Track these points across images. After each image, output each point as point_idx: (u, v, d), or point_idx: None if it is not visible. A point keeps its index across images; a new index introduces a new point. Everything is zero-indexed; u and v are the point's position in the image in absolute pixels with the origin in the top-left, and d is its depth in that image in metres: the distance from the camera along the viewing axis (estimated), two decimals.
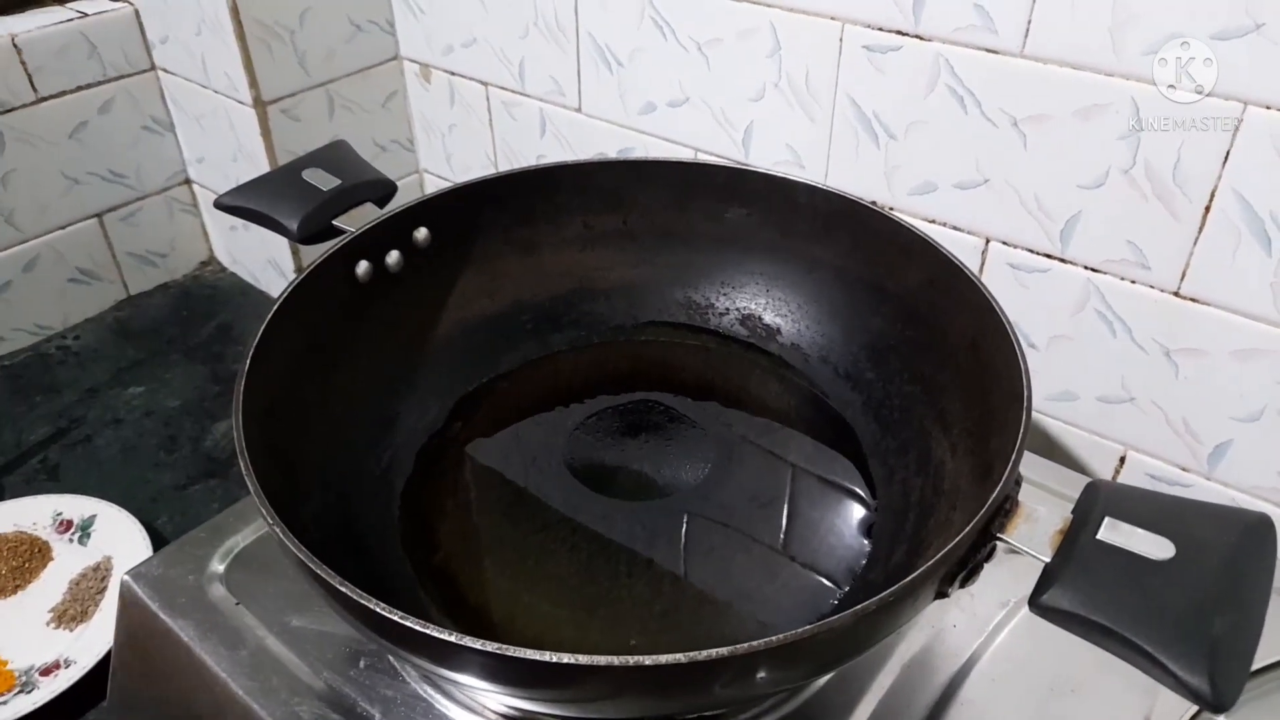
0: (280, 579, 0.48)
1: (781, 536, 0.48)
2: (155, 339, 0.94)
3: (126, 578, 0.47)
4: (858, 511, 0.49)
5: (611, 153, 0.79)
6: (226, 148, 0.90)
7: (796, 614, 0.43)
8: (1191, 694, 0.29)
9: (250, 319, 0.97)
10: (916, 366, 0.50)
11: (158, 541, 0.70)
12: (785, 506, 0.50)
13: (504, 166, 0.90)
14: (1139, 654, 0.30)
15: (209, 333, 0.95)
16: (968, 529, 0.33)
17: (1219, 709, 0.29)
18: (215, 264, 1.04)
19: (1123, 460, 0.63)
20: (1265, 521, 0.33)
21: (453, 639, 0.30)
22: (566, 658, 0.30)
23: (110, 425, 0.83)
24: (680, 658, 0.29)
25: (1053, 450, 0.65)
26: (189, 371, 0.90)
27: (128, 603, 0.47)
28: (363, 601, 0.31)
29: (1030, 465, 0.57)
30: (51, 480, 0.78)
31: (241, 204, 0.51)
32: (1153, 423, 0.60)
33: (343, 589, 0.32)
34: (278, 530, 0.34)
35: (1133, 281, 0.57)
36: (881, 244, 0.52)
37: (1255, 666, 0.43)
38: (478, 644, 0.30)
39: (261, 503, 0.35)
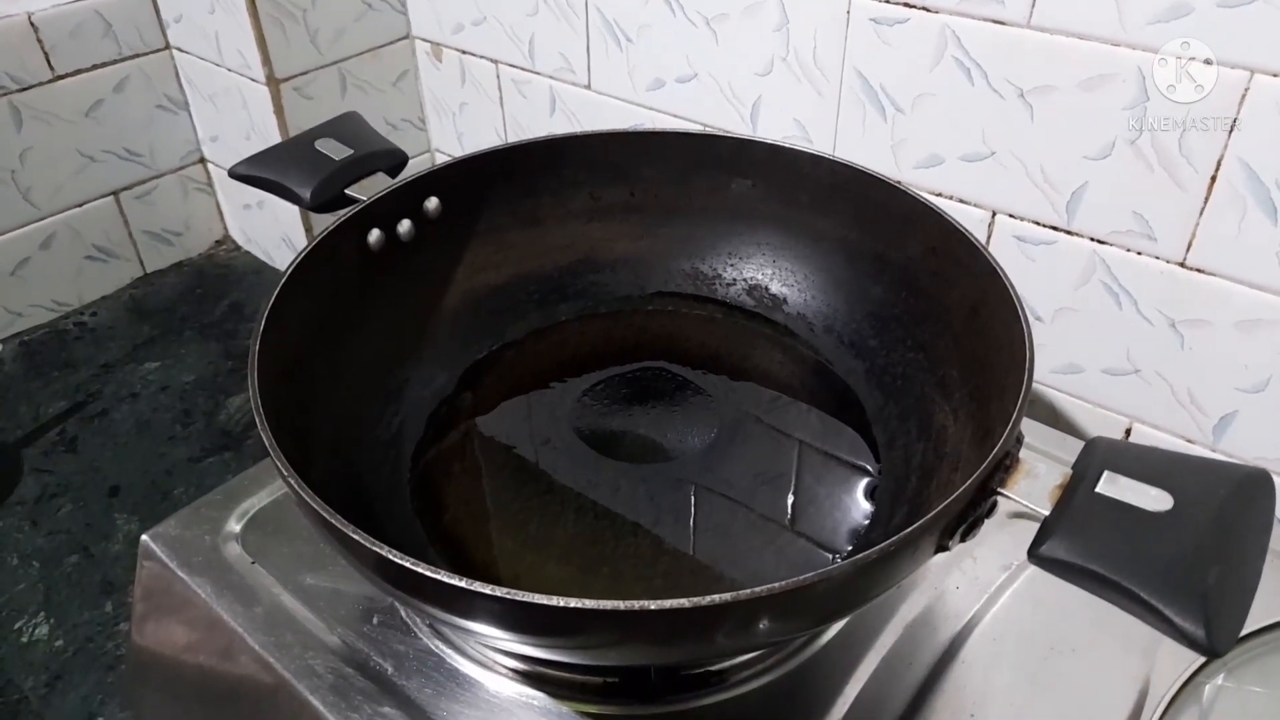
0: (294, 540, 0.48)
1: (786, 502, 0.49)
2: (170, 316, 0.95)
3: (145, 538, 0.49)
4: (862, 476, 0.50)
5: (621, 129, 0.80)
6: (240, 126, 0.91)
7: (800, 574, 0.44)
8: (1187, 639, 0.29)
9: (264, 297, 0.97)
10: (918, 334, 0.51)
11: (173, 513, 0.71)
12: (790, 473, 0.51)
13: None
14: (1135, 601, 0.30)
15: (222, 310, 0.96)
16: (969, 483, 0.34)
17: (1214, 653, 0.29)
18: (230, 242, 1.05)
19: (1128, 432, 0.63)
20: (1263, 475, 0.33)
21: (463, 584, 0.31)
22: (573, 602, 0.30)
23: (126, 400, 0.84)
24: (684, 603, 0.30)
25: (1058, 422, 0.66)
26: (203, 348, 0.91)
27: (146, 562, 0.48)
28: (378, 550, 0.32)
29: (1035, 432, 0.58)
30: (70, 452, 0.79)
31: (255, 173, 0.52)
32: (1158, 394, 0.60)
33: (358, 538, 0.32)
34: (293, 483, 0.35)
35: (1138, 253, 0.57)
36: (884, 212, 0.52)
37: (1259, 625, 0.44)
38: (487, 589, 0.31)
39: (277, 458, 0.36)
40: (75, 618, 0.66)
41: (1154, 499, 0.32)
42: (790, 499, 0.49)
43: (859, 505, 0.48)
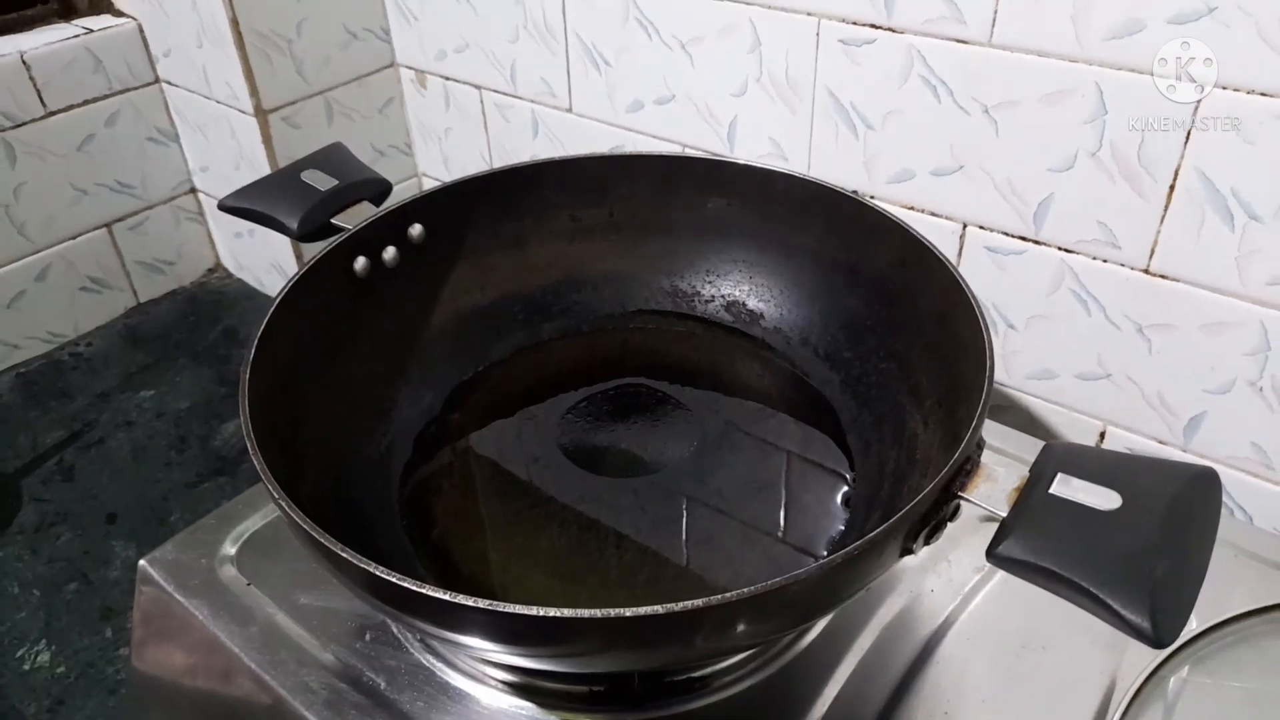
0: (288, 560, 0.50)
1: (763, 510, 0.50)
2: (164, 344, 0.96)
3: (143, 563, 0.50)
4: (838, 484, 0.51)
5: (602, 150, 0.82)
6: (229, 156, 0.92)
7: (769, 572, 0.45)
8: (1134, 631, 0.30)
9: (255, 323, 0.99)
10: (890, 344, 0.52)
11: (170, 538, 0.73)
12: (769, 481, 0.52)
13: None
14: (1086, 596, 0.31)
15: (215, 337, 0.98)
16: (929, 488, 0.35)
17: (1159, 644, 0.30)
18: (221, 270, 1.07)
19: (1103, 435, 0.65)
20: (1208, 473, 0.35)
21: (448, 598, 0.33)
22: (554, 612, 0.32)
23: (122, 427, 0.86)
24: (659, 609, 0.32)
25: (1034, 427, 0.67)
26: (196, 375, 0.92)
27: (144, 585, 0.50)
28: (366, 568, 0.33)
29: (1008, 438, 0.59)
30: (67, 481, 0.80)
31: (244, 205, 0.54)
32: (1129, 398, 0.62)
33: (347, 556, 0.34)
34: (284, 505, 0.36)
35: (1104, 261, 0.59)
36: (854, 227, 0.54)
37: (1221, 617, 0.45)
38: (471, 601, 0.32)
39: (268, 480, 0.37)
40: (76, 644, 0.67)
41: (1104, 498, 0.34)
42: (770, 506, 0.51)
43: (837, 511, 0.50)
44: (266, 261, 1.00)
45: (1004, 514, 0.35)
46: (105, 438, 0.85)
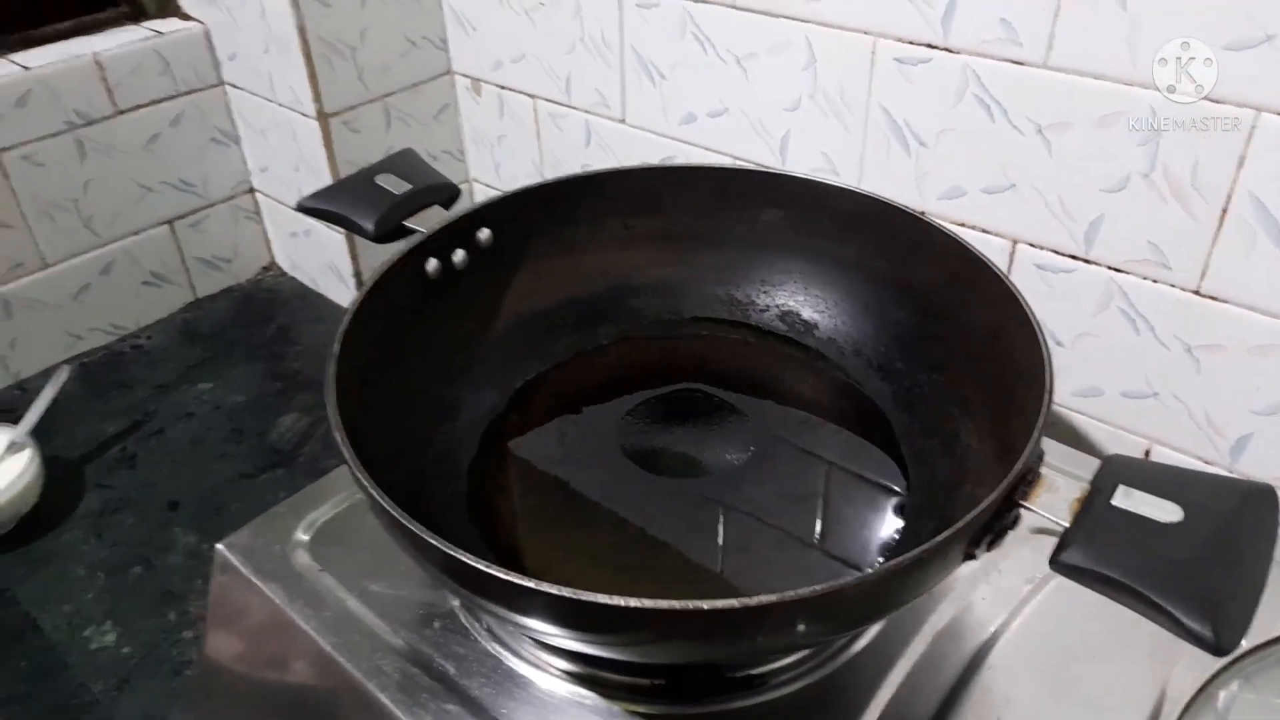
0: (358, 549, 0.52)
1: (819, 516, 0.52)
2: (220, 339, 0.99)
3: (221, 546, 0.52)
4: (892, 492, 0.52)
5: (654, 160, 0.83)
6: (290, 158, 0.95)
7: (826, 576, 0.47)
8: (1195, 638, 0.32)
9: (308, 321, 1.02)
10: (942, 357, 0.53)
11: (228, 526, 0.75)
12: (823, 489, 0.54)
13: (550, 175, 0.94)
14: (1147, 604, 0.33)
15: (270, 333, 1.00)
16: (994, 494, 0.37)
17: (1220, 651, 0.32)
18: (276, 268, 1.10)
19: (1148, 454, 0.66)
20: (1268, 490, 0.36)
21: (530, 584, 0.34)
22: (632, 601, 0.33)
23: (181, 419, 0.89)
24: (734, 602, 0.33)
25: (1079, 443, 0.68)
26: (251, 370, 0.95)
27: (222, 569, 0.52)
28: (451, 552, 0.35)
29: (1055, 451, 0.60)
30: (129, 469, 0.83)
31: (323, 206, 0.56)
32: (1176, 417, 0.63)
33: (433, 541, 0.36)
34: (372, 491, 0.38)
35: (1154, 281, 0.60)
36: (908, 241, 0.55)
37: (1272, 635, 0.46)
38: (551, 588, 0.34)
39: (356, 467, 0.39)
40: (140, 625, 0.69)
41: (1165, 511, 0.35)
42: (823, 511, 0.52)
43: (888, 520, 0.51)
44: (321, 262, 1.03)
45: (1065, 524, 0.36)
46: (165, 428, 0.87)
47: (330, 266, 1.01)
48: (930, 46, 0.62)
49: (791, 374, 0.60)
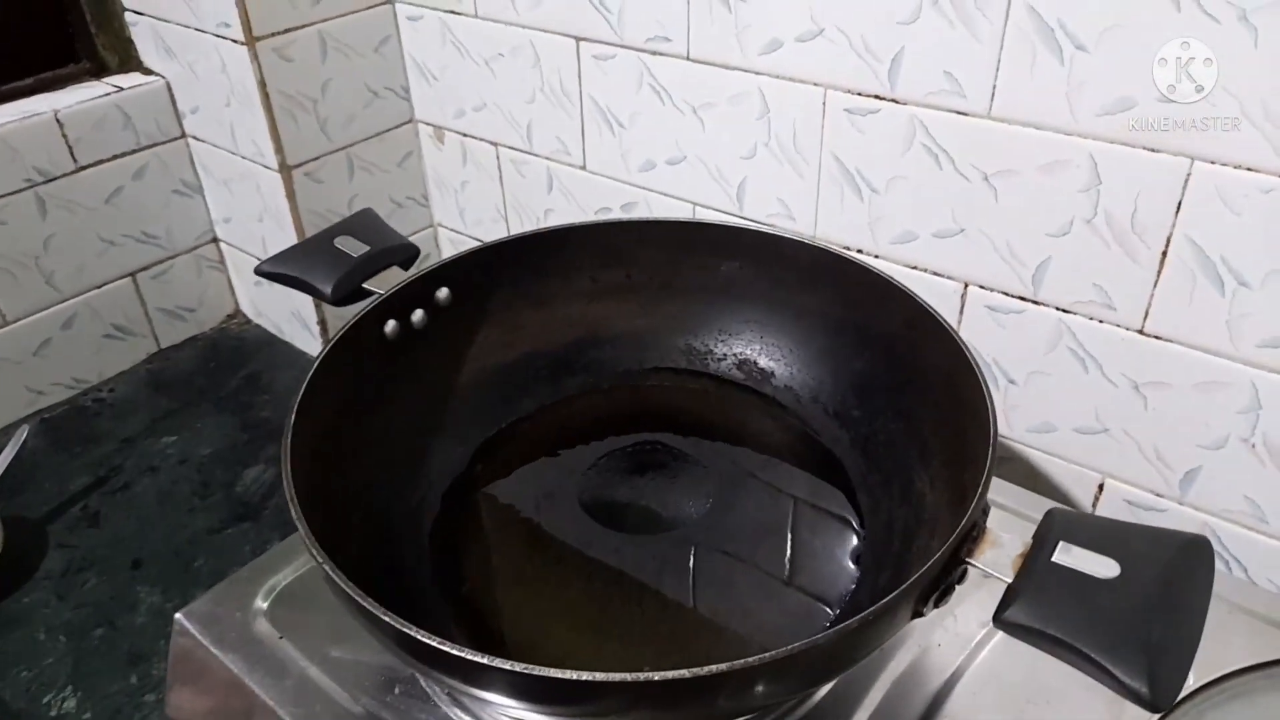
0: (319, 613, 0.52)
1: (777, 564, 0.53)
2: (186, 389, 0.99)
3: (179, 616, 0.52)
4: (848, 539, 0.53)
5: (615, 207, 0.84)
6: (253, 208, 0.95)
7: (793, 634, 0.47)
8: (1132, 695, 0.32)
9: (275, 369, 1.02)
10: (898, 404, 0.55)
11: (195, 583, 0.75)
12: (782, 537, 0.54)
13: (514, 220, 0.95)
14: (1087, 661, 0.34)
15: (237, 383, 1.00)
16: (938, 555, 0.38)
17: (1157, 708, 0.32)
18: (241, 317, 1.09)
19: (1101, 487, 0.67)
20: (1200, 541, 0.37)
21: (485, 660, 0.35)
22: (584, 675, 0.34)
23: (147, 473, 0.88)
24: (685, 673, 0.34)
25: (1035, 479, 0.69)
26: (219, 420, 0.95)
27: (180, 638, 0.52)
28: (406, 630, 0.36)
29: (1008, 493, 0.62)
30: (92, 527, 0.82)
31: (281, 270, 0.56)
32: (1126, 452, 0.64)
33: (386, 619, 0.36)
34: (326, 567, 0.38)
35: (1100, 321, 0.61)
36: (862, 292, 0.56)
37: (1216, 675, 0.47)
38: (506, 664, 0.34)
39: (311, 543, 0.39)
40: (102, 689, 0.68)
41: (1103, 566, 0.36)
42: (784, 560, 0.53)
43: (848, 568, 0.52)
44: (286, 310, 1.03)
45: (1009, 579, 0.37)
46: (130, 483, 0.87)
47: (295, 314, 1.01)
48: (878, 98, 0.64)
49: (750, 422, 0.61)
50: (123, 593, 0.76)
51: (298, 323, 1.02)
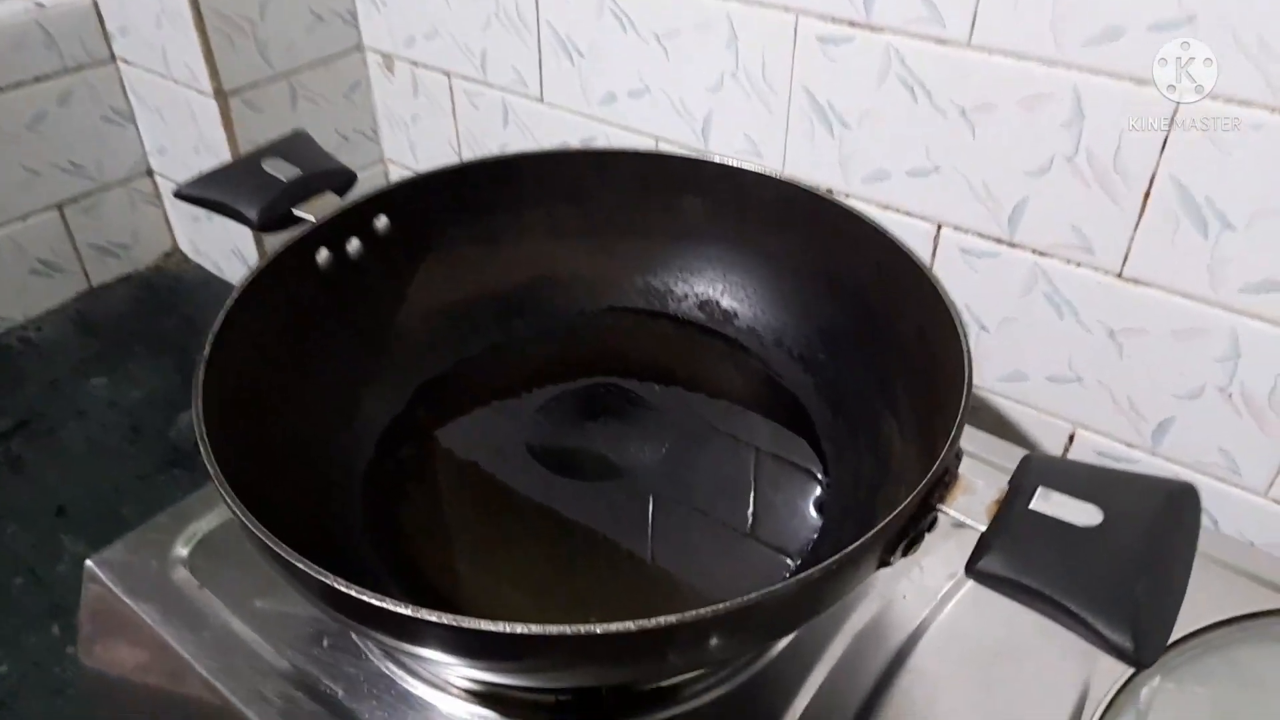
0: (244, 563, 0.48)
1: (737, 514, 0.50)
2: (117, 331, 0.93)
3: (90, 563, 0.48)
4: (811, 489, 0.50)
5: (574, 142, 0.80)
6: (188, 139, 0.89)
7: (752, 587, 0.45)
8: (1116, 651, 0.30)
9: (214, 309, 0.96)
10: (867, 351, 0.52)
11: (122, 533, 0.70)
12: (741, 485, 0.51)
13: (467, 155, 0.90)
14: (1068, 615, 0.31)
15: (172, 324, 0.95)
16: (908, 500, 0.35)
17: (1141, 664, 0.30)
18: (179, 255, 1.04)
19: (1071, 438, 0.65)
20: (1188, 489, 0.35)
21: (411, 613, 0.31)
22: (520, 628, 0.31)
23: (74, 417, 0.83)
24: (630, 625, 0.31)
25: (1004, 428, 0.67)
26: (152, 363, 0.90)
27: (92, 587, 0.48)
28: (325, 580, 0.32)
29: (979, 441, 0.59)
30: (15, 473, 0.78)
31: (201, 194, 0.52)
32: (1099, 401, 0.62)
33: (303, 567, 0.32)
34: (239, 514, 0.34)
35: (1077, 264, 0.59)
36: (832, 231, 0.53)
37: (1194, 628, 0.45)
38: (435, 616, 0.31)
39: (223, 488, 0.35)
40: (22, 642, 0.65)
41: (1085, 514, 0.33)
42: (743, 509, 0.50)
43: (810, 518, 0.49)
44: (226, 247, 0.97)
45: (983, 528, 0.34)
46: (55, 427, 0.82)
47: (235, 252, 0.96)
48: (852, 25, 0.60)
49: (711, 366, 0.58)
50: (45, 542, 0.72)
51: (238, 261, 0.96)
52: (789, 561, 0.47)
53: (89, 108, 0.92)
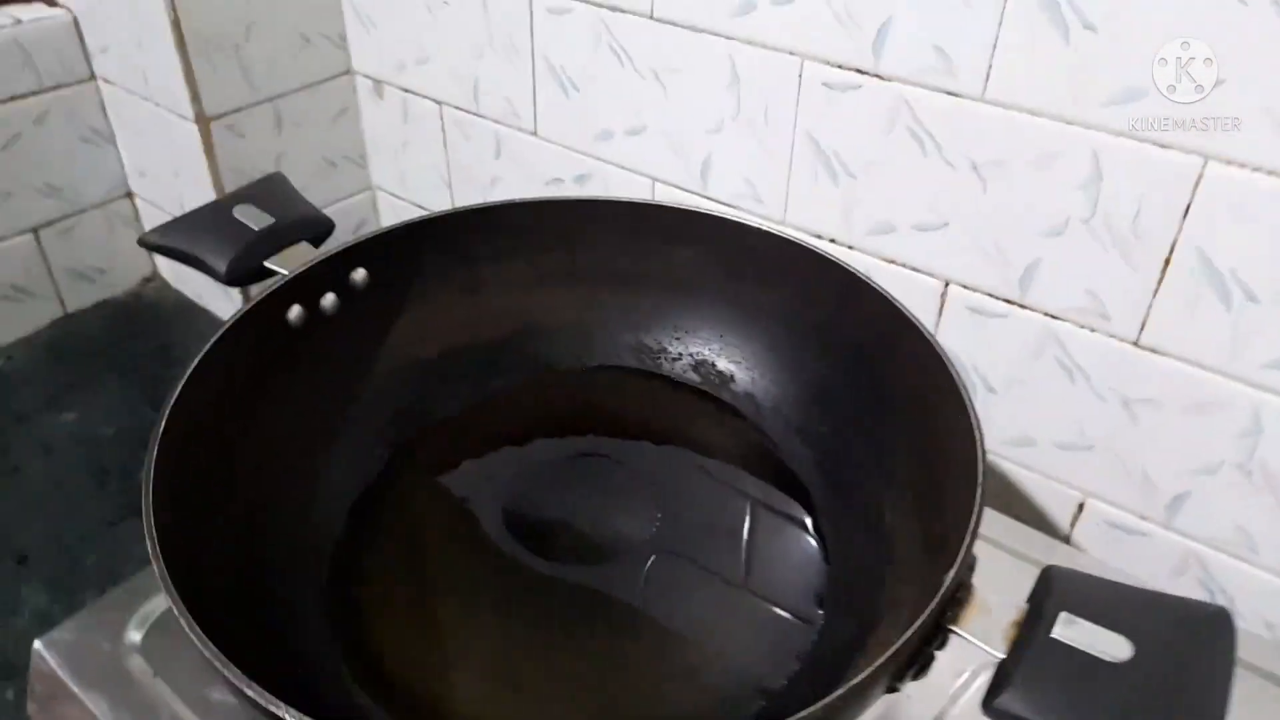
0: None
1: (730, 610, 0.46)
2: (91, 359, 0.90)
3: (38, 645, 0.45)
4: (811, 578, 0.47)
5: (568, 178, 0.77)
6: (168, 162, 0.86)
7: (744, 697, 0.41)
8: None
9: (192, 339, 0.93)
10: (867, 422, 0.49)
11: (85, 583, 0.67)
12: (736, 573, 0.48)
13: (457, 187, 0.87)
14: None
15: (149, 352, 0.91)
16: (918, 622, 0.32)
17: None
18: (159, 280, 1.00)
19: (1081, 507, 0.62)
20: (1223, 616, 0.32)
21: None
22: None
23: (39, 454, 0.80)
24: None
25: (1010, 496, 0.64)
26: (124, 396, 0.86)
27: (39, 671, 0.44)
28: (271, 708, 0.29)
29: (986, 519, 0.56)
30: None
31: (166, 243, 0.49)
32: (1111, 471, 0.59)
33: (252, 694, 0.29)
34: (183, 620, 0.31)
35: (1092, 330, 0.56)
36: (832, 290, 0.50)
37: None
38: None
39: (167, 587, 0.32)
40: None
41: (1113, 645, 0.31)
42: (737, 600, 0.47)
43: (810, 612, 0.46)
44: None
45: (1001, 654, 0.32)
46: (20, 465, 0.78)
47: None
48: (860, 72, 0.57)
49: (705, 432, 0.55)
50: (3, 593, 0.68)
51: (219, 289, 0.93)
52: (788, 666, 0.43)
53: (66, 128, 0.89)
